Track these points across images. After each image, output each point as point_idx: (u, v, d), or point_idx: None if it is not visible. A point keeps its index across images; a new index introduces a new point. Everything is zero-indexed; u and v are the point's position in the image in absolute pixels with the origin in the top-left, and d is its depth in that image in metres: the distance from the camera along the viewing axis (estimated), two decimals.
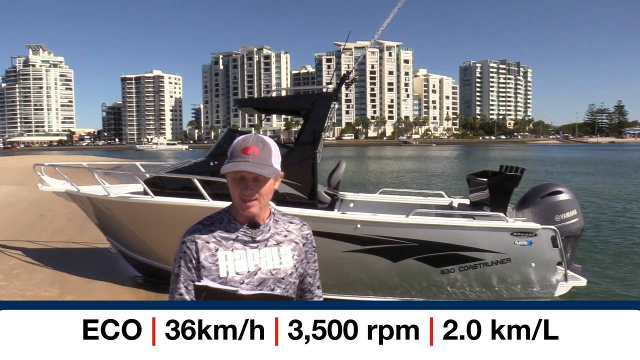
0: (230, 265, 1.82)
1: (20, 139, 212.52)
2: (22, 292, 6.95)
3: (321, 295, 2.07)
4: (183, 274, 1.84)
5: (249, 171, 1.76)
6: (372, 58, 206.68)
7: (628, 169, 39.27)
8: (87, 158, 51.38)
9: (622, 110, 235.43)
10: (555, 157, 68.21)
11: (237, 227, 1.87)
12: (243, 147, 1.79)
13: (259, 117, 8.72)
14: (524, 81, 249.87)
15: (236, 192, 1.81)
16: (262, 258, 1.86)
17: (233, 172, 1.79)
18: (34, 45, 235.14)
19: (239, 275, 1.83)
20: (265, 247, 1.88)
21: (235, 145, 1.82)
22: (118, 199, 7.55)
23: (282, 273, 1.88)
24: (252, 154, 1.77)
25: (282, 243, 1.91)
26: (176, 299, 1.85)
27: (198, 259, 1.82)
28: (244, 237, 1.86)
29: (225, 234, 1.86)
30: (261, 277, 1.85)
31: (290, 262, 1.91)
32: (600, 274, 9.11)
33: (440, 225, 7.01)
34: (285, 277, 1.89)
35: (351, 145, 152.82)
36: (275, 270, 1.87)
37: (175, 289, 1.84)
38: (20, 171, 29.19)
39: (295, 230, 1.97)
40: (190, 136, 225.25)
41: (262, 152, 1.79)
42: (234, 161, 1.78)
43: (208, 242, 1.84)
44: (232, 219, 1.89)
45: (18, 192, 18.35)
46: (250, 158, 1.76)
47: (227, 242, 1.85)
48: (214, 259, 1.82)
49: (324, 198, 7.58)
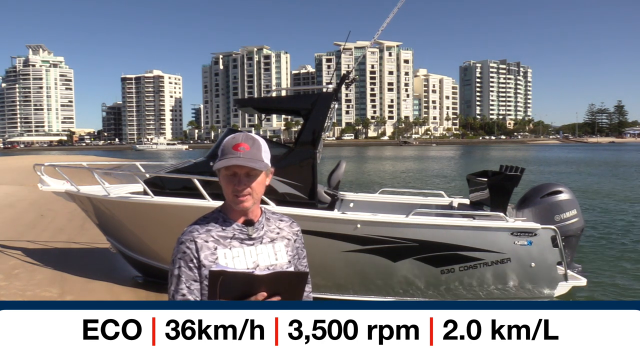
0: (230, 263, 1.84)
1: (20, 139, 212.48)
2: (22, 292, 6.95)
3: (310, 290, 2.08)
4: (185, 275, 1.83)
5: (242, 165, 1.80)
6: (372, 58, 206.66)
7: (629, 169, 39.25)
8: (87, 158, 51.38)
9: (622, 110, 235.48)
10: (555, 157, 68.20)
11: (232, 225, 1.90)
12: (233, 144, 1.83)
13: (259, 117, 8.72)
14: (524, 81, 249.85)
15: (229, 188, 1.85)
16: (259, 255, 1.89)
17: (225, 169, 1.83)
18: (34, 45, 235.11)
19: None
20: (260, 244, 1.91)
21: (225, 143, 1.87)
22: (118, 199, 7.55)
23: (279, 269, 1.90)
24: (242, 149, 1.82)
25: (276, 240, 1.95)
26: (179, 300, 1.84)
27: (199, 258, 1.83)
28: (241, 235, 1.89)
29: (222, 232, 1.89)
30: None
31: (285, 258, 1.95)
32: (600, 273, 9.11)
33: (440, 225, 7.01)
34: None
35: (351, 145, 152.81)
36: (272, 266, 1.90)
37: (177, 290, 1.82)
38: (20, 171, 29.19)
39: (286, 227, 2.01)
40: (190, 136, 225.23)
41: (252, 147, 1.84)
42: (225, 158, 1.82)
43: (207, 241, 1.85)
44: (227, 217, 1.92)
45: (18, 192, 18.35)
46: (241, 154, 1.81)
47: (224, 240, 1.87)
48: (213, 257, 1.84)
49: (324, 198, 7.57)
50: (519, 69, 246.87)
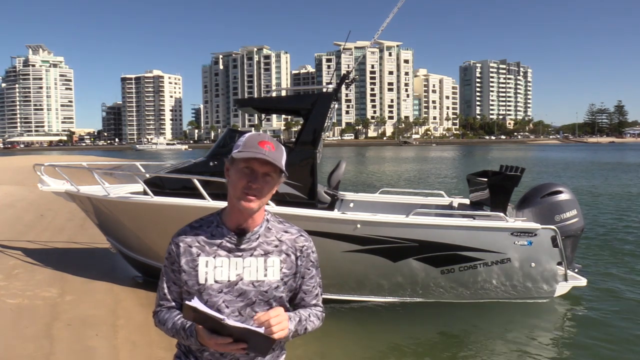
0: (210, 272, 1.76)
1: (20, 139, 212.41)
2: (22, 292, 6.94)
3: (320, 311, 1.94)
4: (167, 275, 1.84)
5: (267, 161, 1.70)
6: (372, 58, 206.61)
7: (629, 169, 39.24)
8: (87, 158, 51.37)
9: (622, 110, 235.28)
10: (555, 157, 68.17)
11: (223, 232, 1.80)
12: (259, 140, 1.74)
13: (259, 117, 8.72)
14: (524, 81, 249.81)
15: (241, 183, 1.72)
16: (245, 268, 1.77)
17: (244, 161, 1.72)
18: (34, 45, 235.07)
19: (217, 283, 1.75)
20: (250, 256, 1.78)
21: (249, 137, 1.76)
22: (118, 199, 7.54)
23: (266, 286, 1.77)
24: (268, 148, 1.72)
25: (271, 253, 1.79)
26: (161, 298, 1.86)
27: (179, 262, 1.79)
28: (228, 244, 1.78)
29: (210, 238, 1.79)
30: (242, 288, 1.76)
31: (276, 275, 1.78)
32: (601, 273, 9.10)
33: (440, 225, 7.00)
34: (269, 290, 1.78)
35: (351, 145, 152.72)
36: (258, 283, 1.77)
37: (161, 287, 1.86)
38: (20, 171, 29.18)
39: (289, 240, 1.84)
40: (190, 136, 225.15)
41: (276, 150, 1.74)
42: (249, 150, 1.70)
43: (191, 246, 1.79)
44: (221, 222, 1.81)
45: (18, 192, 18.33)
46: (267, 152, 1.70)
47: (210, 247, 1.78)
48: (194, 264, 1.77)
49: (324, 198, 7.57)
50: (519, 69, 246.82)
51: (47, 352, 5.08)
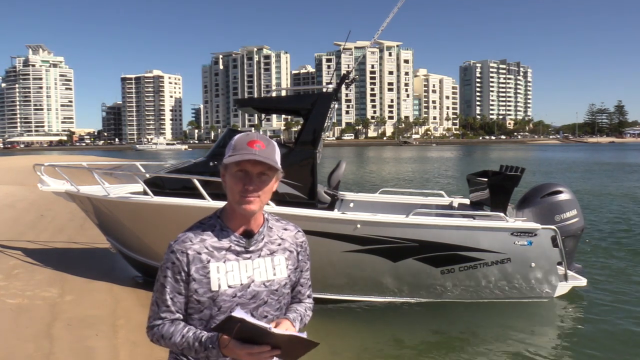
0: (223, 277, 1.73)
1: (20, 139, 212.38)
2: (22, 292, 6.94)
3: (311, 302, 1.99)
4: (170, 285, 1.73)
5: (258, 161, 1.67)
6: (372, 58, 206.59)
7: (630, 170, 39.24)
8: (87, 158, 51.36)
9: (622, 110, 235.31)
10: (555, 157, 68.16)
11: (229, 235, 1.77)
12: (248, 140, 1.70)
13: (259, 117, 8.72)
14: (524, 81, 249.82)
15: (237, 187, 1.70)
16: (255, 269, 1.77)
17: (236, 165, 1.70)
18: (34, 45, 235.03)
19: (231, 288, 1.73)
20: (258, 257, 1.78)
21: (238, 139, 1.73)
22: (118, 199, 7.54)
23: (276, 284, 1.80)
24: (258, 147, 1.69)
25: (276, 252, 1.82)
26: (162, 311, 1.74)
27: (188, 272, 1.72)
28: (237, 247, 1.76)
29: (218, 243, 1.75)
30: (254, 290, 1.76)
31: (284, 273, 1.82)
32: (601, 273, 9.10)
33: (440, 225, 7.00)
34: (279, 288, 1.81)
35: (351, 145, 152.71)
36: (269, 282, 1.78)
37: (162, 300, 1.74)
38: (20, 171, 29.18)
39: (290, 237, 1.87)
40: (190, 136, 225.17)
41: (267, 147, 1.71)
42: (238, 153, 1.68)
43: (200, 252, 1.73)
44: (225, 226, 1.78)
45: (18, 192, 18.33)
46: (257, 151, 1.67)
47: (219, 252, 1.74)
48: (205, 271, 1.72)
49: (324, 198, 7.57)
50: (519, 69, 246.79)
51: (47, 352, 5.07)
